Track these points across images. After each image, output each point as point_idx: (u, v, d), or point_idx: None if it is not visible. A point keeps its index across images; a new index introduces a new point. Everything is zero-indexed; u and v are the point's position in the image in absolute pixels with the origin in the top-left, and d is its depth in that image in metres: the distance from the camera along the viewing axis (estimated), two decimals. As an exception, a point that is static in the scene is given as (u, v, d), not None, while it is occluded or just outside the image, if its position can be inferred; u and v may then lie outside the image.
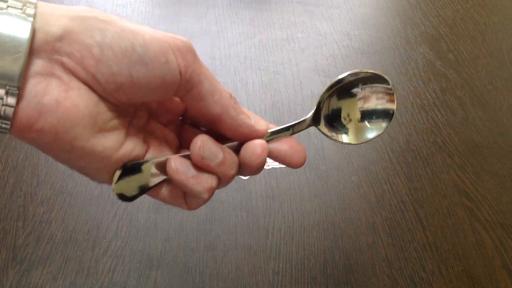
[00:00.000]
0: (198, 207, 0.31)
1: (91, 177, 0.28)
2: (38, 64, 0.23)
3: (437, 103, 0.91)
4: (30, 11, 0.23)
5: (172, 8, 1.09)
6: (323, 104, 0.31)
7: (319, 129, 0.32)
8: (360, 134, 0.32)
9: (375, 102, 0.31)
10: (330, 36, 1.05)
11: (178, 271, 0.64)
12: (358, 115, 0.32)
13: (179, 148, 0.32)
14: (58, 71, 0.24)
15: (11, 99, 0.23)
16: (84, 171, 0.28)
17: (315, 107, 0.31)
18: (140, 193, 0.29)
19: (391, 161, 0.80)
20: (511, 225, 0.72)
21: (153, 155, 0.29)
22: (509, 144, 0.84)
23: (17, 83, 0.23)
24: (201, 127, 0.33)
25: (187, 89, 0.27)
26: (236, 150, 0.30)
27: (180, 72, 0.26)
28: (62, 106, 0.24)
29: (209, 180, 0.29)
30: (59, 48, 0.24)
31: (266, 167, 0.76)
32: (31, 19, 0.23)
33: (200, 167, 0.29)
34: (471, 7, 1.18)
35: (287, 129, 0.31)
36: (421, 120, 0.87)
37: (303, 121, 0.31)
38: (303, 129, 0.32)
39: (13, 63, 0.22)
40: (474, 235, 0.70)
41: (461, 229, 0.71)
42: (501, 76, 0.98)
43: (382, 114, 0.31)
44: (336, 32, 1.06)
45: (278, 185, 0.75)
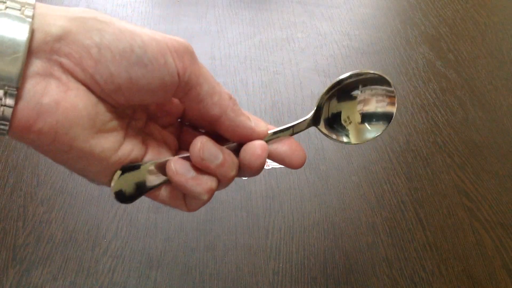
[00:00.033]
0: (198, 208, 0.31)
1: (89, 178, 0.28)
2: (36, 65, 0.23)
3: (437, 103, 0.91)
4: (29, 12, 0.23)
5: (172, 8, 1.09)
6: (323, 104, 0.31)
7: (319, 129, 0.32)
8: (360, 135, 0.32)
9: (375, 105, 0.31)
10: (330, 36, 1.05)
11: (178, 271, 0.64)
12: (358, 118, 0.31)
13: (178, 149, 0.32)
14: (57, 72, 0.24)
15: (10, 100, 0.22)
16: (82, 172, 0.27)
17: (315, 107, 0.31)
18: (139, 195, 0.29)
19: (391, 161, 0.80)
20: (511, 225, 0.72)
21: (152, 157, 0.29)
22: (509, 144, 0.84)
23: (16, 84, 0.22)
24: (200, 128, 0.32)
25: (185, 91, 0.27)
26: (236, 151, 0.30)
27: (178, 73, 0.26)
28: (61, 106, 0.24)
29: (209, 182, 0.29)
30: (58, 48, 0.24)
31: (266, 167, 0.76)
32: (29, 20, 0.23)
33: (199, 169, 0.29)
34: (471, 7, 1.18)
35: (287, 129, 0.31)
36: (421, 120, 0.87)
37: (303, 121, 0.31)
38: (303, 130, 0.32)
39: (11, 63, 0.22)
40: (474, 235, 0.70)
41: (461, 229, 0.71)
42: (501, 76, 0.98)
43: (383, 116, 0.31)
44: (336, 32, 1.06)
45: (278, 185, 0.75)
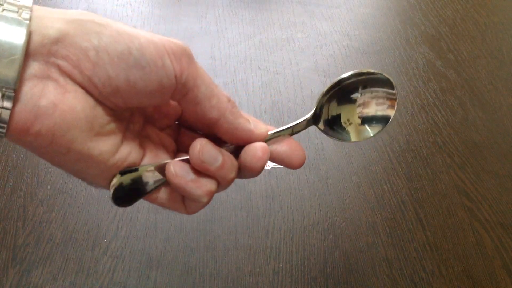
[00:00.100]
0: (197, 211, 0.31)
1: (87, 181, 0.28)
2: (34, 67, 0.23)
3: (437, 103, 0.91)
4: (26, 15, 0.23)
5: (172, 8, 1.09)
6: (323, 104, 0.31)
7: (318, 128, 0.32)
8: (359, 134, 0.32)
9: (375, 108, 0.31)
10: (330, 36, 1.05)
11: (178, 271, 0.64)
12: (358, 120, 0.32)
13: (176, 152, 0.32)
14: (55, 74, 0.24)
15: (7, 102, 0.22)
16: (80, 175, 0.27)
17: (315, 107, 0.31)
18: (137, 198, 0.29)
19: (391, 161, 0.80)
20: (511, 225, 0.72)
21: (150, 159, 0.29)
22: (509, 144, 0.84)
23: (13, 86, 0.22)
24: (198, 131, 0.32)
25: (183, 93, 0.27)
26: (234, 152, 0.30)
27: (175, 75, 0.26)
28: (59, 108, 0.24)
29: (208, 184, 0.29)
30: (55, 51, 0.24)
31: (266, 167, 0.76)
32: (27, 22, 0.23)
33: (199, 171, 0.28)
34: (471, 7, 1.18)
35: (286, 129, 0.31)
36: (421, 120, 0.87)
37: (303, 121, 0.31)
38: (302, 129, 0.32)
39: (8, 65, 0.22)
40: (474, 235, 0.70)
41: (461, 229, 0.71)
42: (501, 76, 0.98)
43: (383, 117, 0.32)
44: (336, 32, 1.06)
45: (278, 185, 0.75)
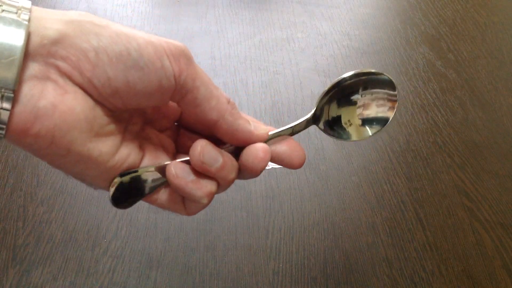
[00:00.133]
0: (197, 212, 0.31)
1: (87, 182, 0.28)
2: (33, 68, 0.23)
3: (437, 103, 0.91)
4: (25, 16, 0.23)
5: (172, 8, 1.09)
6: (323, 104, 0.31)
7: (319, 127, 0.32)
8: (359, 134, 0.32)
9: (376, 110, 0.31)
10: (330, 36, 1.05)
11: (178, 271, 0.64)
12: (359, 121, 0.32)
13: (176, 153, 0.32)
14: (54, 75, 0.24)
15: (6, 103, 0.22)
16: (79, 176, 0.27)
17: (315, 107, 0.31)
18: (136, 200, 0.29)
19: (391, 161, 0.80)
20: (511, 225, 0.72)
21: (149, 160, 0.29)
22: (509, 144, 0.84)
23: (13, 87, 0.22)
24: (198, 132, 0.32)
25: (182, 95, 0.27)
26: (234, 153, 0.30)
27: (174, 76, 0.26)
28: (58, 109, 0.24)
29: (209, 185, 0.29)
30: (54, 52, 0.24)
31: (266, 168, 0.76)
32: (26, 23, 0.23)
33: (199, 172, 0.28)
34: (471, 7, 1.18)
35: (286, 130, 0.31)
36: (421, 120, 0.87)
37: (303, 121, 0.31)
38: (302, 129, 0.32)
39: (8, 66, 0.22)
40: (474, 235, 0.70)
41: (461, 229, 0.71)
42: (501, 76, 0.98)
43: (383, 118, 0.32)
44: (336, 32, 1.06)
45: (278, 185, 0.75)
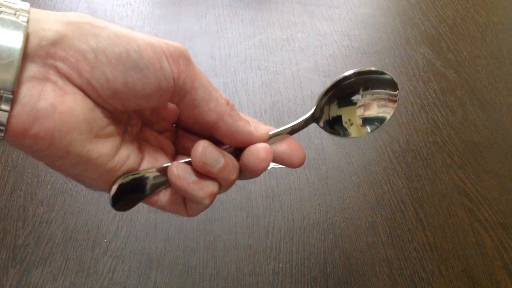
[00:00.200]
0: (198, 213, 0.31)
1: (86, 184, 0.28)
2: (32, 69, 0.23)
3: (437, 103, 0.91)
4: (23, 17, 0.23)
5: (172, 8, 1.09)
6: (324, 103, 0.31)
7: (318, 125, 0.32)
8: (359, 131, 0.32)
9: (377, 110, 0.31)
10: (330, 36, 1.05)
11: (178, 271, 0.64)
12: (359, 120, 0.32)
13: (175, 155, 0.32)
14: (53, 76, 0.24)
15: (5, 105, 0.22)
16: (78, 178, 0.27)
17: (315, 106, 0.31)
18: (137, 202, 0.29)
19: (391, 161, 0.80)
20: (511, 225, 0.72)
21: (149, 162, 0.29)
22: (509, 144, 0.84)
23: (11, 88, 0.22)
24: (197, 133, 0.32)
25: (181, 96, 0.27)
26: (234, 153, 0.30)
27: (173, 78, 0.26)
28: (58, 110, 0.24)
29: (210, 186, 0.29)
30: (53, 53, 0.24)
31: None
32: (24, 24, 0.23)
33: (201, 173, 0.28)
34: (471, 7, 1.18)
35: (286, 130, 0.31)
36: (421, 120, 0.87)
37: (303, 120, 0.31)
38: (303, 128, 0.32)
39: (6, 67, 0.22)
40: (474, 235, 0.70)
41: (461, 229, 0.71)
42: (501, 76, 0.98)
43: (383, 116, 0.32)
44: (336, 32, 1.06)
45: (278, 185, 0.75)
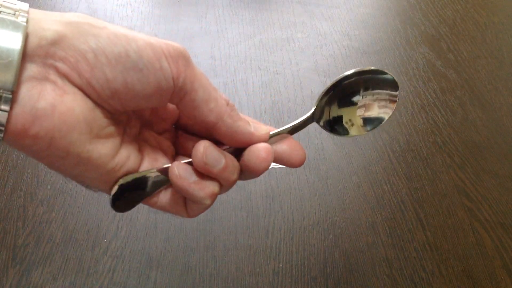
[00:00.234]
0: (199, 214, 0.30)
1: (85, 184, 0.28)
2: (32, 69, 0.23)
3: (437, 103, 0.91)
4: (23, 18, 0.23)
5: (172, 8, 1.09)
6: (324, 103, 0.31)
7: (318, 124, 0.32)
8: (358, 130, 0.32)
9: (377, 110, 0.31)
10: (330, 36, 1.05)
11: (178, 271, 0.64)
12: (360, 120, 0.32)
13: (175, 155, 0.32)
14: (53, 76, 0.24)
15: (5, 105, 0.22)
16: (78, 178, 0.27)
17: (315, 106, 0.32)
18: (136, 202, 0.29)
19: (391, 161, 0.80)
20: (511, 225, 0.72)
21: (149, 163, 0.29)
22: (509, 144, 0.84)
23: (11, 88, 0.22)
24: (197, 134, 0.32)
25: (180, 96, 0.27)
26: (234, 153, 0.30)
27: (173, 78, 0.26)
28: (58, 110, 0.23)
29: (211, 186, 0.29)
30: (53, 52, 0.24)
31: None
32: (24, 24, 0.23)
33: (201, 173, 0.28)
34: (471, 7, 1.18)
35: (286, 129, 0.31)
36: (421, 120, 0.87)
37: (303, 120, 0.32)
38: (302, 128, 0.32)
39: (6, 67, 0.22)
40: (474, 235, 0.70)
41: (461, 229, 0.71)
42: (501, 76, 0.98)
43: (383, 116, 0.32)
44: (336, 32, 1.06)
45: (278, 185, 0.75)
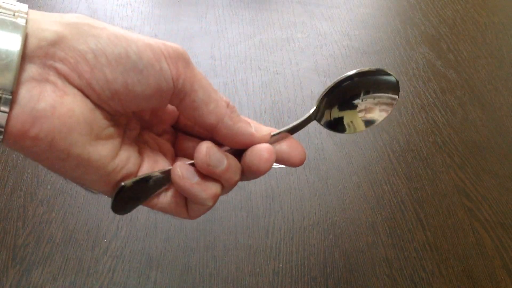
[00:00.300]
0: (200, 215, 0.30)
1: (86, 186, 0.28)
2: (31, 70, 0.23)
3: (437, 103, 0.91)
4: (22, 19, 0.23)
5: (172, 8, 1.09)
6: (325, 102, 0.31)
7: (320, 123, 0.32)
8: (357, 128, 0.32)
9: (378, 111, 0.32)
10: (330, 36, 1.05)
11: (178, 271, 0.64)
12: (360, 120, 0.32)
13: (175, 157, 0.32)
14: (53, 77, 0.24)
15: (4, 106, 0.22)
16: (78, 180, 0.27)
17: (316, 106, 0.32)
18: (137, 204, 0.29)
19: (391, 161, 0.80)
20: (511, 225, 0.72)
21: (149, 165, 0.29)
22: (509, 144, 0.84)
23: (11, 89, 0.22)
24: (197, 135, 0.32)
25: (180, 98, 0.27)
26: (235, 154, 0.30)
27: (172, 79, 0.26)
28: (58, 111, 0.23)
29: (213, 187, 0.28)
30: (53, 53, 0.23)
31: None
32: (23, 25, 0.23)
33: (203, 174, 0.28)
34: (471, 7, 1.18)
35: (286, 130, 0.31)
36: (421, 120, 0.87)
37: (303, 120, 0.32)
38: (303, 127, 0.32)
39: (5, 68, 0.22)
40: (474, 235, 0.70)
41: (461, 229, 0.71)
42: (501, 76, 0.98)
43: (382, 115, 0.32)
44: (336, 32, 1.06)
45: (278, 185, 0.75)
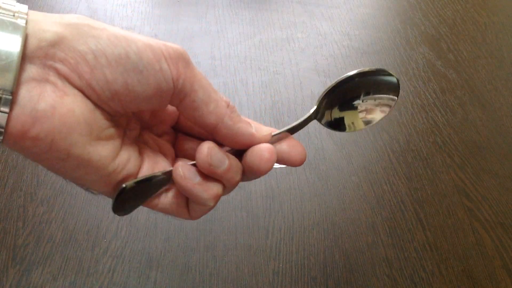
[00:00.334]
0: (201, 216, 0.30)
1: (86, 187, 0.28)
2: (31, 70, 0.23)
3: (437, 103, 0.91)
4: (22, 19, 0.23)
5: (172, 8, 1.09)
6: (325, 102, 0.32)
7: (320, 123, 0.32)
8: (356, 127, 0.32)
9: (378, 110, 0.32)
10: (330, 36, 1.05)
11: (178, 271, 0.64)
12: (360, 121, 0.32)
13: (175, 158, 0.32)
14: (53, 77, 0.24)
15: (4, 106, 0.22)
16: (79, 181, 0.27)
17: (316, 106, 0.32)
18: (138, 205, 0.29)
19: (391, 161, 0.80)
20: (511, 225, 0.72)
21: (149, 165, 0.29)
22: (509, 144, 0.84)
23: (11, 89, 0.22)
24: (197, 136, 0.32)
25: (180, 98, 0.27)
26: (235, 155, 0.30)
27: (172, 79, 0.26)
28: (58, 112, 0.23)
29: (215, 187, 0.29)
30: (53, 54, 0.23)
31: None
32: (23, 25, 0.23)
33: (205, 174, 0.28)
34: (471, 7, 1.18)
35: (286, 130, 0.31)
36: (421, 120, 0.87)
37: (304, 120, 0.32)
38: (303, 127, 0.32)
39: (5, 69, 0.22)
40: (474, 235, 0.70)
41: (461, 229, 0.71)
42: (501, 76, 0.98)
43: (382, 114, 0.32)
44: (336, 32, 1.06)
45: (278, 185, 0.75)
